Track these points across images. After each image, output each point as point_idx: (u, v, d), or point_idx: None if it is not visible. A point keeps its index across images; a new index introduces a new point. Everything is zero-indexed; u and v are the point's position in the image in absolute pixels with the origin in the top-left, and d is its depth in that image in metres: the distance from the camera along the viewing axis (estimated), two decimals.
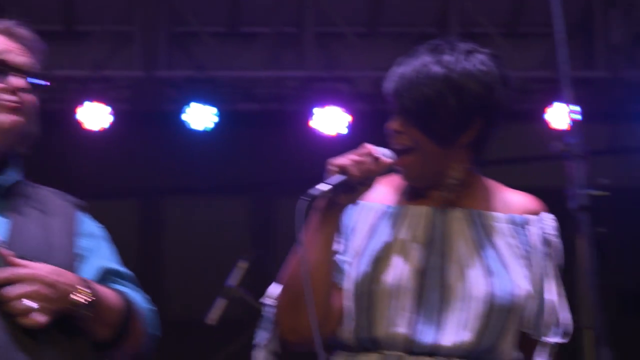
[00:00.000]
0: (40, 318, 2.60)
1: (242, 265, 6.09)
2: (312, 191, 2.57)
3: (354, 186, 2.64)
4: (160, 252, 9.79)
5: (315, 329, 2.61)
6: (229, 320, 6.09)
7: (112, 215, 8.94)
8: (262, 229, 9.58)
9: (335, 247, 2.74)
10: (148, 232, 9.90)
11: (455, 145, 2.73)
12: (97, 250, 2.91)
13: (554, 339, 2.77)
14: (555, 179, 2.51)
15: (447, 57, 2.69)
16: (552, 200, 2.79)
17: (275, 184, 8.97)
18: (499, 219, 2.78)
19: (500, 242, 2.76)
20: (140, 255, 9.94)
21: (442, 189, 2.78)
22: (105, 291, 2.71)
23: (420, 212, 2.78)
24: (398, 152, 2.68)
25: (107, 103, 7.53)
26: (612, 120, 8.05)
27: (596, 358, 2.34)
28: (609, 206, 7.74)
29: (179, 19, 7.63)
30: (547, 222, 2.80)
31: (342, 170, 2.59)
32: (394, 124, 2.71)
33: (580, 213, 2.38)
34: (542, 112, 7.46)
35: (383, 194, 2.82)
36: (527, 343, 2.80)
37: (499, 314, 2.70)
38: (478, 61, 2.68)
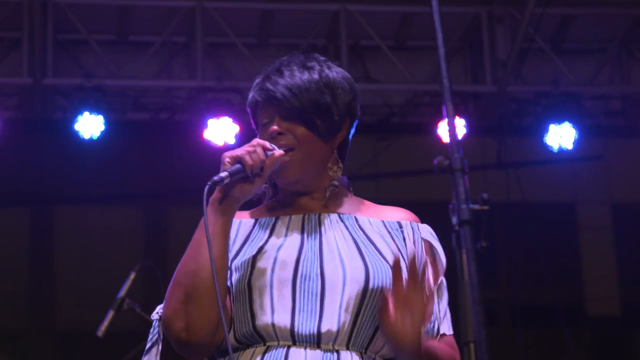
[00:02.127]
0: None
1: (131, 276, 6.01)
2: (214, 178, 2.62)
3: (248, 176, 2.66)
4: (51, 261, 9.62)
5: (223, 317, 2.62)
6: (120, 333, 6.03)
7: (2, 223, 8.85)
8: (155, 238, 9.62)
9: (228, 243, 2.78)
10: (39, 241, 9.75)
11: (331, 144, 2.84)
12: None
13: (449, 330, 2.87)
14: (445, 193, 2.49)
15: (315, 65, 2.81)
16: (440, 214, 2.73)
17: (168, 193, 9.00)
18: (373, 222, 2.85)
19: (377, 238, 2.81)
20: (31, 264, 9.82)
21: (319, 189, 2.86)
22: None
23: (292, 218, 2.84)
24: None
25: None
26: (501, 134, 8.09)
27: None
28: (497, 220, 7.89)
29: (67, 26, 7.46)
30: (422, 228, 2.87)
31: (237, 160, 2.63)
32: (275, 127, 2.75)
33: (461, 227, 2.36)
34: (435, 125, 7.43)
35: (254, 212, 2.88)
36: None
37: (374, 298, 2.73)
38: (339, 70, 2.84)
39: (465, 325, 2.34)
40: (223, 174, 2.64)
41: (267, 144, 2.69)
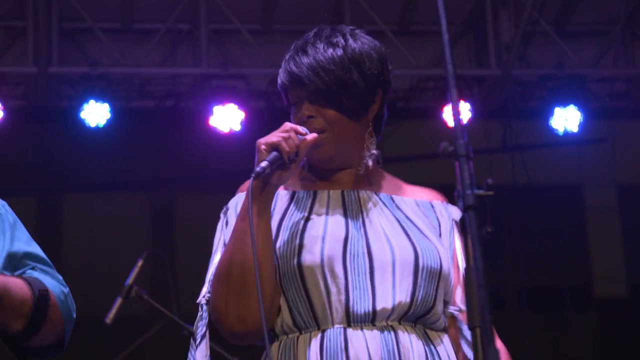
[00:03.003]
0: None
1: (139, 263, 5.91)
2: (256, 169, 2.61)
3: (285, 163, 2.66)
4: (58, 249, 9.59)
5: (262, 314, 2.61)
6: (128, 320, 6.02)
7: None
8: (162, 225, 9.64)
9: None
10: (46, 230, 9.72)
11: (365, 121, 2.81)
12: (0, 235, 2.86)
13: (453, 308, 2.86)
14: (452, 177, 2.42)
15: (339, 40, 2.76)
16: (447, 198, 2.87)
17: (174, 180, 8.93)
18: (407, 202, 2.85)
19: (415, 218, 2.82)
20: None
21: (355, 163, 2.82)
22: (9, 282, 2.68)
23: (331, 194, 2.83)
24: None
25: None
26: (506, 118, 8.12)
27: (484, 356, 2.29)
28: (504, 203, 7.88)
29: (72, 15, 7.46)
30: (451, 209, 2.87)
31: (273, 147, 2.63)
32: (304, 111, 2.75)
33: (466, 213, 2.35)
34: (440, 110, 7.46)
35: (289, 184, 2.85)
36: (452, 322, 2.87)
37: (427, 275, 2.74)
38: (365, 40, 2.78)
39: (472, 309, 2.31)
40: (264, 164, 2.63)
41: (300, 128, 2.70)
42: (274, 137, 2.66)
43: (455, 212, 2.85)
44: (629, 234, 9.67)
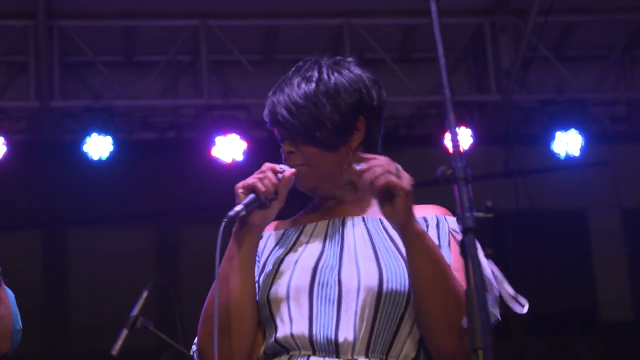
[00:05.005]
0: None
1: (144, 295, 5.92)
2: (229, 213, 2.61)
3: (264, 203, 2.68)
4: (65, 282, 9.54)
5: (216, 353, 2.61)
6: (134, 351, 5.96)
7: (15, 247, 8.86)
8: (167, 256, 9.53)
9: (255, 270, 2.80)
10: (52, 263, 9.70)
11: (346, 148, 2.81)
12: None
13: None
14: (450, 203, 2.51)
15: (313, 74, 2.79)
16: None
17: (178, 211, 8.92)
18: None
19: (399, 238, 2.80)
20: (44, 286, 9.79)
21: (337, 190, 2.84)
22: None
23: (318, 224, 2.84)
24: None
25: (1, 134, 7.33)
26: (507, 143, 8.10)
27: None
28: (507, 228, 7.80)
29: (73, 49, 7.49)
30: (450, 220, 2.84)
31: (250, 189, 2.64)
32: (285, 147, 2.78)
33: (466, 235, 2.38)
34: (441, 136, 7.44)
35: (281, 224, 2.89)
36: None
37: (392, 301, 2.71)
38: (346, 70, 2.80)
39: (473, 331, 2.32)
40: (238, 208, 2.64)
41: (277, 167, 2.72)
42: (250, 179, 2.69)
43: (453, 223, 2.84)
44: (635, 258, 9.51)
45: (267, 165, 2.71)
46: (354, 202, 2.85)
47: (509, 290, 2.79)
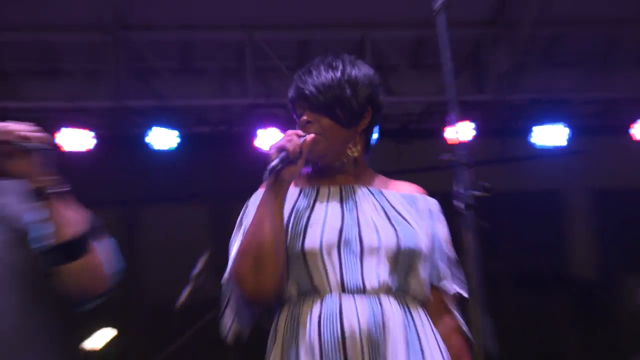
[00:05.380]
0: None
1: (202, 259, 5.74)
2: (269, 166, 2.60)
3: (292, 160, 2.64)
4: (138, 250, 9.43)
5: (278, 282, 2.63)
6: (193, 305, 5.73)
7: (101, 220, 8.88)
8: (220, 228, 9.18)
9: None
10: (128, 235, 9.56)
11: (354, 130, 2.77)
12: None
13: (454, 288, 2.78)
14: (449, 185, 2.48)
15: (338, 64, 2.77)
16: (446, 202, 2.72)
17: (228, 191, 8.49)
18: (394, 195, 2.82)
19: (400, 208, 2.77)
20: (123, 255, 10.03)
21: (344, 165, 2.81)
22: (73, 205, 2.55)
23: (331, 189, 2.81)
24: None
25: (86, 128, 7.21)
26: (502, 135, 7.90)
27: (480, 325, 2.34)
28: (501, 207, 7.11)
29: (140, 57, 7.27)
30: (431, 200, 2.82)
31: (280, 149, 2.63)
32: (305, 117, 2.73)
33: (466, 210, 2.39)
34: (442, 130, 7.25)
35: (298, 182, 2.81)
36: (435, 294, 2.79)
37: (407, 256, 2.67)
38: (363, 68, 2.80)
39: (470, 287, 2.39)
40: (274, 162, 2.60)
41: (300, 132, 2.68)
42: (280, 141, 2.66)
43: (434, 204, 2.82)
44: (600, 229, 9.34)
45: (291, 131, 2.70)
46: (356, 175, 2.81)
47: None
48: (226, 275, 2.74)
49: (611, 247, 9.26)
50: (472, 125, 7.22)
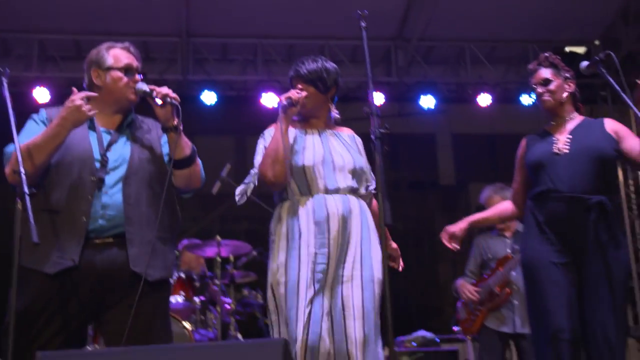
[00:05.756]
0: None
1: (226, 167, 5.60)
2: (284, 104, 2.70)
3: (294, 104, 2.73)
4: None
5: (288, 174, 2.65)
6: (220, 193, 5.54)
7: None
8: (240, 152, 8.88)
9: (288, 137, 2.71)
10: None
11: (326, 96, 2.86)
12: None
13: (374, 187, 2.83)
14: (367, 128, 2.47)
15: (318, 60, 2.88)
16: (364, 137, 2.78)
17: (244, 130, 8.38)
18: (345, 136, 2.90)
19: (349, 142, 2.87)
20: None
21: (322, 117, 2.86)
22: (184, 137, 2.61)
23: (314, 131, 2.85)
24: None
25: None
26: (401, 100, 7.65)
27: (383, 207, 2.29)
28: (400, 141, 7.68)
29: (201, 55, 7.37)
30: (359, 138, 2.93)
31: (288, 97, 2.74)
32: (299, 86, 2.83)
33: (377, 141, 2.41)
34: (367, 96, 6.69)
35: (294, 125, 2.85)
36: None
37: (358, 170, 2.75)
38: (331, 64, 2.92)
39: (379, 188, 2.37)
40: (285, 103, 2.72)
41: (298, 91, 2.79)
42: (288, 93, 2.76)
43: (359, 139, 2.91)
44: (457, 150, 9.10)
45: (292, 90, 2.79)
46: (325, 122, 2.89)
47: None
48: (254, 169, 2.77)
49: (463, 165, 9.05)
50: (383, 95, 7.29)
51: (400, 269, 2.82)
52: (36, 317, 2.40)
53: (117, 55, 2.71)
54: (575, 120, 3.27)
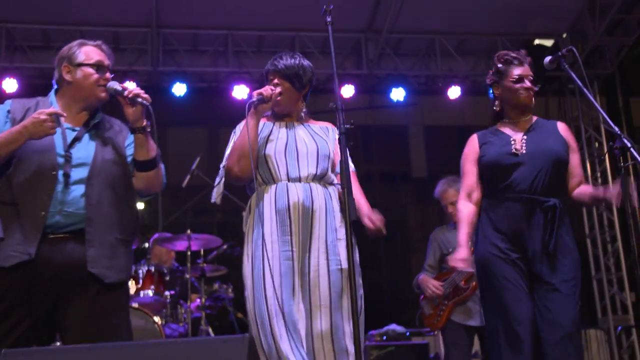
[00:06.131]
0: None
1: (197, 160, 5.85)
2: (251, 101, 2.69)
3: (265, 101, 2.72)
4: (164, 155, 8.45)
5: (254, 169, 2.63)
6: (191, 185, 5.85)
7: None
8: (212, 143, 9.08)
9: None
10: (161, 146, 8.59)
11: (300, 93, 2.86)
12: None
13: (353, 168, 2.75)
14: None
15: (295, 56, 2.88)
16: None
17: (216, 121, 8.58)
18: (316, 127, 2.90)
19: (320, 132, 2.85)
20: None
21: (294, 114, 2.86)
22: (150, 139, 2.62)
23: (282, 124, 2.86)
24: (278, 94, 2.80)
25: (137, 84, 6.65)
26: (372, 92, 7.77)
27: (348, 200, 2.29)
28: (372, 134, 7.75)
29: (169, 42, 7.28)
30: (333, 130, 2.89)
31: (260, 94, 2.72)
32: (275, 81, 2.82)
33: (342, 135, 2.44)
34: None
35: (267, 119, 2.87)
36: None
37: (323, 158, 2.72)
38: (307, 61, 2.91)
39: (343, 176, 2.38)
40: (255, 99, 2.70)
41: (272, 87, 2.79)
42: (260, 90, 2.75)
43: (333, 132, 2.90)
44: (429, 144, 9.43)
45: (268, 86, 2.79)
46: (299, 119, 2.89)
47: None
48: (222, 164, 2.76)
49: (435, 157, 9.34)
50: (353, 87, 7.33)
51: (384, 232, 2.73)
52: None
53: (89, 52, 2.72)
54: (528, 120, 3.29)
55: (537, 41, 7.45)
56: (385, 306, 8.22)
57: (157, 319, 4.82)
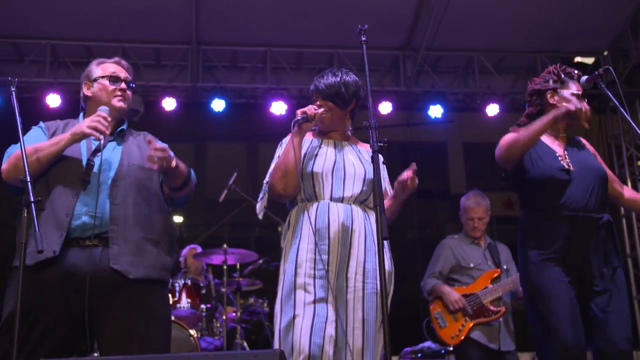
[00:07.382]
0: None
1: (234, 175, 5.96)
2: (297, 119, 2.70)
3: (309, 120, 2.72)
4: (203, 168, 9.17)
5: (299, 186, 2.65)
6: (228, 199, 5.90)
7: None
8: (251, 158, 9.22)
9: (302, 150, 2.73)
10: (196, 161, 9.33)
11: (346, 110, 2.84)
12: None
13: (391, 190, 2.79)
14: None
15: (339, 74, 2.85)
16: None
17: (255, 137, 8.73)
18: (362, 150, 2.88)
19: (365, 155, 2.84)
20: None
21: (340, 131, 2.84)
22: (181, 164, 2.67)
23: (329, 142, 2.85)
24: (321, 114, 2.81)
25: (173, 97, 6.99)
26: (410, 109, 7.77)
27: (381, 219, 2.26)
28: (413, 149, 7.68)
29: (210, 61, 7.33)
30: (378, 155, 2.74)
31: (304, 112, 2.73)
32: (318, 102, 2.82)
33: (375, 154, 2.42)
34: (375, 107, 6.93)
35: (312, 137, 2.88)
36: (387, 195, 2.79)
37: (368, 182, 2.70)
38: (352, 76, 2.87)
39: (376, 196, 2.34)
40: (299, 118, 2.72)
41: (316, 107, 2.80)
42: (304, 108, 2.76)
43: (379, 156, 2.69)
44: (468, 165, 9.52)
45: (311, 106, 2.80)
46: (345, 137, 2.88)
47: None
48: (265, 179, 2.77)
49: (474, 174, 9.33)
50: (391, 104, 7.32)
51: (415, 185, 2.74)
52: (22, 319, 2.30)
53: (105, 67, 2.81)
54: (565, 135, 3.26)
55: (577, 59, 7.41)
56: (420, 323, 8.34)
57: (192, 331, 4.85)
